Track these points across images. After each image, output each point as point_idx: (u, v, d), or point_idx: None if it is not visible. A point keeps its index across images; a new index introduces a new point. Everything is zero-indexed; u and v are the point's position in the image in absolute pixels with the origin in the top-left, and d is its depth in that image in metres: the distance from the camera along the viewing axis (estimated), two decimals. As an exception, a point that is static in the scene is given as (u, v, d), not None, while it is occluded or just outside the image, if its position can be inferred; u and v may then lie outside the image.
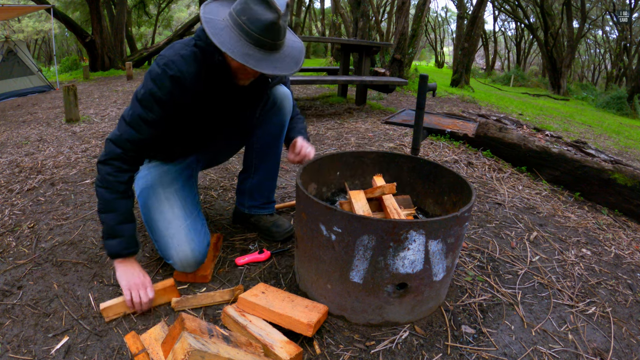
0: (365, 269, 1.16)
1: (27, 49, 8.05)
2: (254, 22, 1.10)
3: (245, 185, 1.71)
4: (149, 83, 1.25)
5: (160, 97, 1.24)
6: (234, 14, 1.14)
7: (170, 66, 1.22)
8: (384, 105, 5.44)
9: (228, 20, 1.15)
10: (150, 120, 1.26)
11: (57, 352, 1.11)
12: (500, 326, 1.31)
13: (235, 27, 1.12)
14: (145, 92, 1.25)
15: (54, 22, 10.21)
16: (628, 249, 1.97)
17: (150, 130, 1.28)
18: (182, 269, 1.38)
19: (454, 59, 16.47)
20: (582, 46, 27.72)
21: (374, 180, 1.61)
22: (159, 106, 1.25)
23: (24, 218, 1.86)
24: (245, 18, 1.11)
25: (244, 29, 1.11)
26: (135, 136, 1.27)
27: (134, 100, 1.28)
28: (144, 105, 1.25)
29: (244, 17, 1.11)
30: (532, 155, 2.79)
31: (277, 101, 1.54)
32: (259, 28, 1.10)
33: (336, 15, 17.14)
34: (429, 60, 43.54)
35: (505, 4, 22.55)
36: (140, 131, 1.27)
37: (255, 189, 1.70)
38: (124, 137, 1.27)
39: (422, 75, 1.72)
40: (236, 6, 1.14)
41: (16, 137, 3.66)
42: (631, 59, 17.65)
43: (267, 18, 1.09)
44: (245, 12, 1.11)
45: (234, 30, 1.12)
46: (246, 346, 1.03)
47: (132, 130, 1.27)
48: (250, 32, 1.11)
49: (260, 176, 1.68)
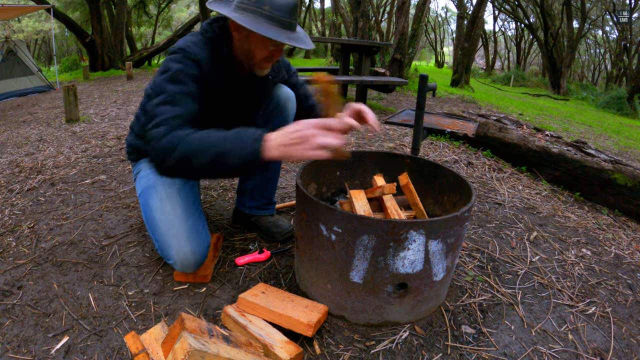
0: (365, 269, 1.16)
1: (27, 49, 8.06)
2: (278, 8, 1.19)
3: (246, 185, 1.71)
4: (173, 65, 1.20)
5: (190, 73, 1.21)
6: (253, 6, 1.19)
7: (188, 52, 1.23)
8: (384, 105, 5.44)
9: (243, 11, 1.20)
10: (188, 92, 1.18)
11: (57, 352, 1.11)
12: (500, 326, 1.31)
13: (260, 17, 1.18)
14: (174, 71, 1.18)
15: (54, 22, 10.21)
16: (628, 249, 1.97)
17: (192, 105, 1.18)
18: (182, 269, 1.38)
19: (454, 59, 16.47)
20: (582, 46, 27.73)
21: (374, 179, 1.61)
22: (192, 80, 1.20)
23: (24, 218, 1.86)
24: (268, 7, 1.18)
25: (271, 16, 1.19)
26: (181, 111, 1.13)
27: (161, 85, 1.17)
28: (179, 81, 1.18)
29: (267, 7, 1.18)
30: (532, 155, 2.79)
31: (280, 102, 1.55)
32: (284, 12, 1.20)
33: (336, 15, 17.14)
34: (429, 60, 43.54)
35: (505, 4, 22.55)
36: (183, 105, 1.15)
37: (256, 189, 1.70)
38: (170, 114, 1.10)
39: (422, 75, 1.72)
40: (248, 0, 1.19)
41: (16, 137, 3.66)
42: (631, 59, 17.64)
43: (287, 1, 1.20)
44: (265, 2, 1.18)
45: (259, 19, 1.19)
46: (246, 346, 1.03)
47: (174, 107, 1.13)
48: (277, 17, 1.19)
49: (262, 177, 1.68)
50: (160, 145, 1.05)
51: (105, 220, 1.83)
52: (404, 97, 6.54)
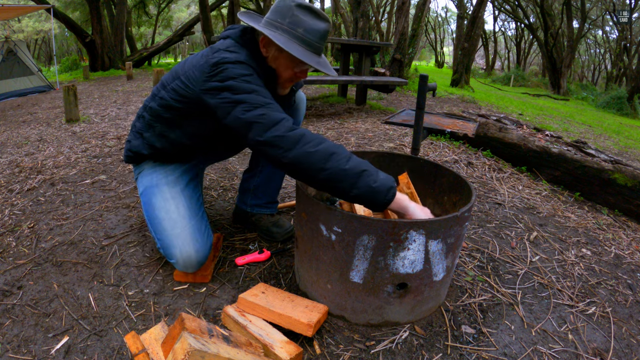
0: (365, 269, 1.16)
1: (27, 49, 8.06)
2: (311, 33, 1.24)
3: (250, 183, 1.72)
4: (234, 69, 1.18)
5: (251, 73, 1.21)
6: (286, 25, 1.23)
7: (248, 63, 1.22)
8: (384, 105, 5.44)
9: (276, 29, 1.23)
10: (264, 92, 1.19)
11: (57, 352, 1.11)
12: (500, 326, 1.31)
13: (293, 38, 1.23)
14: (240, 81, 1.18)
15: (54, 22, 10.21)
16: (628, 249, 1.97)
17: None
18: (184, 268, 1.39)
19: (454, 59, 16.47)
20: (582, 46, 27.73)
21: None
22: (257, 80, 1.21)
23: (24, 218, 1.86)
24: (302, 30, 1.23)
25: (304, 40, 1.23)
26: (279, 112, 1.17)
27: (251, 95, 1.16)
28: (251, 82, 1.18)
29: (301, 29, 1.22)
30: (532, 155, 2.79)
31: (294, 102, 1.65)
32: (316, 37, 1.25)
33: (336, 15, 17.14)
34: (429, 60, 43.55)
35: (505, 4, 22.56)
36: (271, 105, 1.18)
37: (261, 187, 1.71)
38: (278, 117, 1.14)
39: (422, 75, 1.72)
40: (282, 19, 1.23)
41: (16, 137, 3.66)
42: (631, 59, 17.64)
43: (321, 27, 1.25)
44: (300, 24, 1.22)
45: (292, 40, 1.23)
46: (246, 346, 1.03)
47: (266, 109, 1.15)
48: (309, 41, 1.24)
49: (267, 175, 1.69)
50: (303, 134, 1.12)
51: (105, 220, 1.83)
52: (404, 97, 6.54)
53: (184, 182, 1.50)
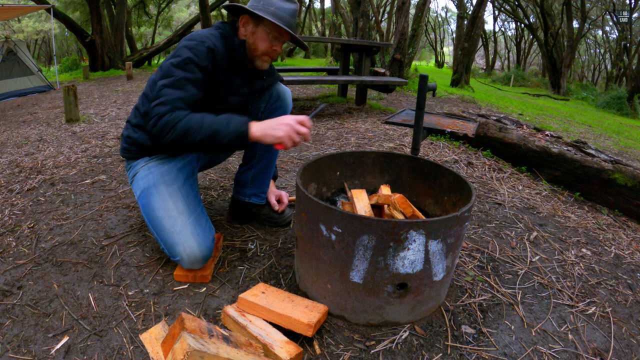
0: (365, 269, 1.16)
1: (27, 49, 8.06)
2: (282, 10, 1.44)
3: (247, 175, 1.78)
4: (185, 52, 1.36)
5: (198, 62, 1.37)
6: (260, 6, 1.43)
7: (205, 41, 1.39)
8: (384, 105, 5.44)
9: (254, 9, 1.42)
10: (193, 79, 1.35)
11: (57, 352, 1.11)
12: (500, 326, 1.31)
13: (268, 14, 1.42)
14: (183, 58, 1.35)
15: (54, 22, 10.21)
16: (628, 249, 1.97)
17: (194, 90, 1.36)
18: (190, 265, 1.39)
19: (454, 59, 16.47)
20: (582, 46, 27.72)
21: (381, 189, 1.61)
22: (198, 69, 1.37)
23: (24, 218, 1.86)
24: (274, 8, 1.43)
25: (276, 14, 1.42)
26: (183, 95, 1.33)
27: (169, 69, 1.35)
28: (185, 69, 1.35)
29: (272, 8, 1.43)
30: (532, 155, 2.79)
31: (280, 95, 1.73)
32: (287, 13, 1.45)
33: (336, 15, 17.15)
34: (429, 60, 43.53)
35: (505, 4, 22.55)
36: (186, 90, 1.34)
37: (258, 177, 1.78)
38: (174, 97, 1.31)
39: (422, 75, 1.72)
40: (257, 2, 1.44)
41: (16, 137, 3.66)
42: (631, 59, 17.63)
43: (290, 6, 1.47)
44: (272, 4, 1.43)
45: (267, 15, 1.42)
46: (246, 346, 1.03)
47: (178, 91, 1.32)
48: (281, 15, 1.44)
49: (262, 166, 1.77)
50: (163, 120, 1.28)
51: (105, 220, 1.83)
52: (404, 97, 6.54)
53: (180, 180, 1.52)
